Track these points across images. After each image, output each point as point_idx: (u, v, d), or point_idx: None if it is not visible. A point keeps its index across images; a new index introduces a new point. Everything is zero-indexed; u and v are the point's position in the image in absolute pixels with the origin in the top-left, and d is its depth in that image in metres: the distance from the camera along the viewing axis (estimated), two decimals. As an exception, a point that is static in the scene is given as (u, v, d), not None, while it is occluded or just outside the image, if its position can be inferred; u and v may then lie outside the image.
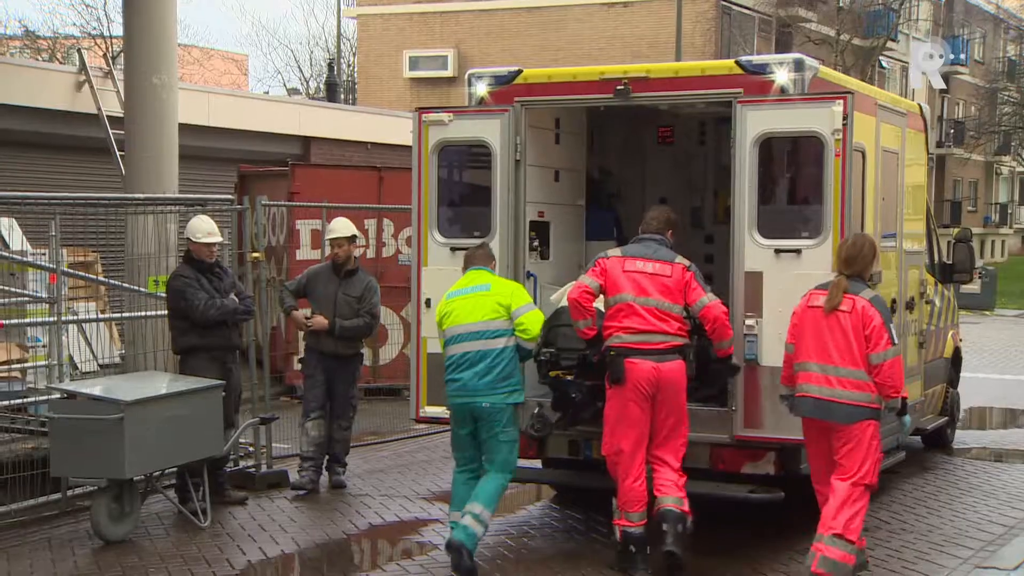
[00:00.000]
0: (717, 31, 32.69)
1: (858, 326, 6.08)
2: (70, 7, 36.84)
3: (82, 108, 14.36)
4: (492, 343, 6.51)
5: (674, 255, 6.68)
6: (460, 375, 6.54)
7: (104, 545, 7.08)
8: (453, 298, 6.69)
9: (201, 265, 7.93)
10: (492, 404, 6.49)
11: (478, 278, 6.71)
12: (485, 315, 6.53)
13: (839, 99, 6.68)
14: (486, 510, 6.51)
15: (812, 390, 6.17)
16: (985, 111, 45.86)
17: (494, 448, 6.57)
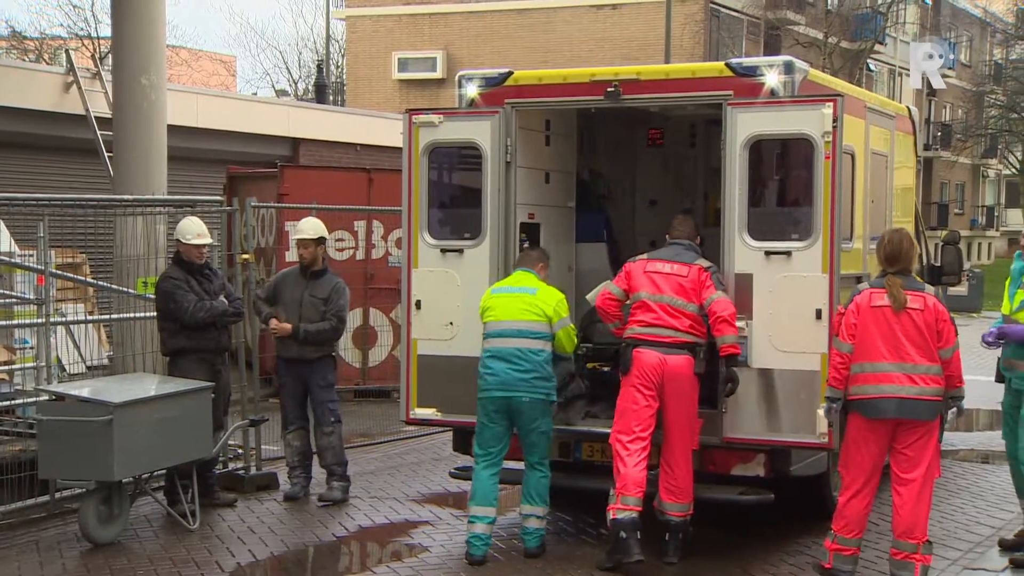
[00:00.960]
0: (706, 33, 32.75)
1: (931, 322, 6.15)
2: (57, 8, 36.73)
3: (70, 109, 14.30)
4: (534, 343, 6.79)
5: (695, 257, 6.89)
6: (500, 369, 6.75)
7: (92, 548, 7.05)
8: (499, 294, 6.93)
9: (191, 267, 7.91)
10: (532, 399, 6.73)
11: (525, 280, 6.96)
12: (530, 316, 6.81)
13: (829, 102, 6.70)
14: (545, 507, 6.93)
15: (894, 390, 6.10)
16: (972, 114, 46.09)
17: (536, 442, 6.84)
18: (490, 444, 6.86)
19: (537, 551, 6.93)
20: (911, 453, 6.18)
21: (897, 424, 6.17)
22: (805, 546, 7.12)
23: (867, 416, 6.19)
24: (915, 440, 6.17)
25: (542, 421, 6.82)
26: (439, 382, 7.44)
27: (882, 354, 6.14)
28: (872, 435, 6.22)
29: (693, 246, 7.01)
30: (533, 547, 6.94)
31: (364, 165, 15.37)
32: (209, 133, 16.60)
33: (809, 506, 7.61)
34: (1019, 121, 41.11)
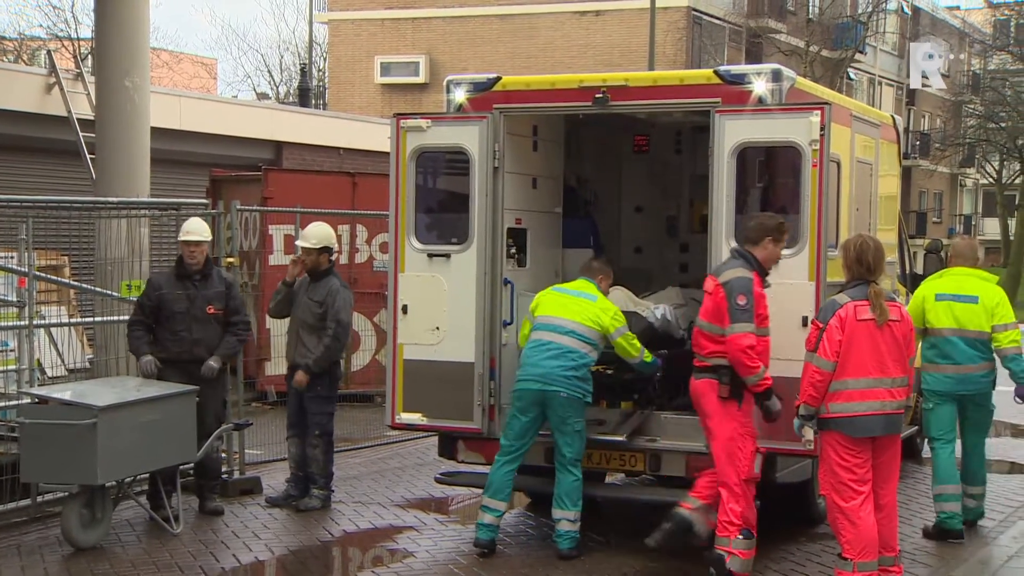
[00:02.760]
0: (688, 40, 32.87)
1: (906, 332, 5.99)
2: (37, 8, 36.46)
3: (52, 110, 14.21)
4: (582, 345, 6.89)
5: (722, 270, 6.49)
6: (543, 361, 6.82)
7: (75, 552, 6.99)
8: (558, 292, 7.10)
9: (183, 269, 7.83)
10: (570, 395, 6.81)
11: (587, 287, 7.09)
12: (583, 319, 6.92)
13: (817, 110, 6.73)
14: (577, 511, 6.92)
15: (879, 407, 5.86)
16: (950, 124, 46.42)
17: (570, 438, 6.86)
18: (516, 438, 6.92)
19: (570, 553, 6.89)
20: (886, 467, 6.01)
21: (875, 439, 5.96)
22: (790, 552, 7.14)
23: (852, 435, 5.89)
24: (891, 454, 6.02)
25: (576, 420, 6.86)
26: (425, 387, 7.41)
27: (868, 369, 5.86)
28: (861, 454, 5.92)
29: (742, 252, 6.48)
30: (565, 548, 6.90)
31: (348, 169, 15.35)
32: (192, 136, 16.53)
33: (794, 512, 7.64)
34: (997, 131, 41.41)
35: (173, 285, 7.84)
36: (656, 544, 6.60)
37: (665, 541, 6.56)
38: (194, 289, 7.83)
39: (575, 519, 6.94)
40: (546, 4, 33.91)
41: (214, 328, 7.86)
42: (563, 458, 6.90)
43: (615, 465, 7.41)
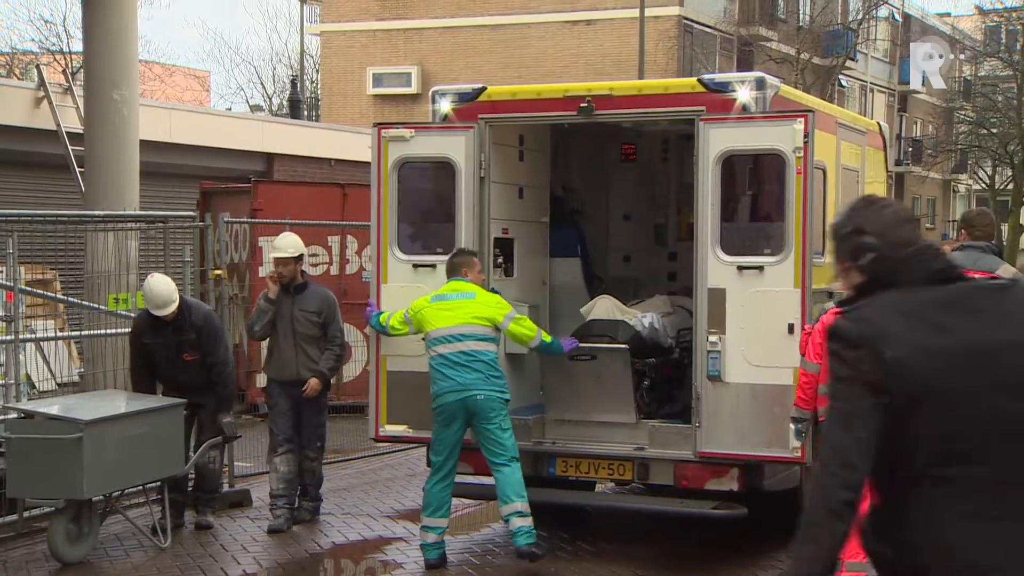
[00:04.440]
0: (679, 49, 32.95)
1: None
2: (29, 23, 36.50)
3: (41, 124, 14.19)
4: (481, 345, 6.87)
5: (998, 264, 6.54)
6: (452, 373, 6.82)
7: (61, 567, 6.96)
8: (437, 303, 6.97)
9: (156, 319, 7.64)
10: (487, 396, 6.79)
11: (461, 287, 7.01)
12: (471, 320, 6.88)
13: (800, 117, 6.74)
14: (523, 501, 6.80)
15: None
16: (942, 130, 46.52)
17: (499, 437, 6.82)
18: (441, 453, 6.90)
19: (529, 550, 6.79)
20: None
21: None
22: (779, 560, 7.13)
23: None
24: None
25: (501, 417, 6.84)
26: (410, 398, 7.38)
27: None
28: None
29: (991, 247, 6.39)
30: (523, 544, 6.79)
31: (338, 180, 15.34)
32: (182, 148, 16.52)
33: (782, 520, 7.62)
34: (988, 137, 41.52)
35: (152, 334, 7.72)
36: None
37: None
38: (169, 337, 7.68)
39: (524, 510, 6.79)
40: (537, 14, 33.98)
41: (196, 370, 7.72)
42: (498, 457, 6.82)
43: (604, 474, 7.40)
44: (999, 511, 2.49)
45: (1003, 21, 42.26)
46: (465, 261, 7.11)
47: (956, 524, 2.49)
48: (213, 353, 7.75)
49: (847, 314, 2.66)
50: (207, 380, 7.75)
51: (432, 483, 6.96)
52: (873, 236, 2.68)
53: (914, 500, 2.54)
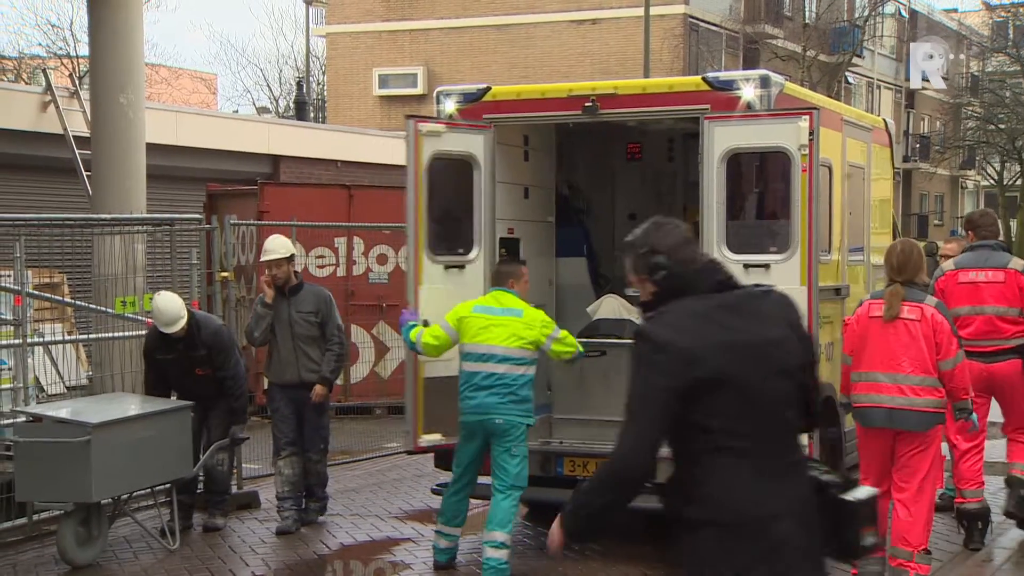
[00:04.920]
0: (685, 47, 32.91)
1: (929, 334, 6.13)
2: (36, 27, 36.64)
3: (48, 128, 14.24)
4: (514, 369, 6.62)
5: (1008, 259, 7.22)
6: (477, 395, 6.62)
7: (71, 570, 6.98)
8: (480, 315, 6.68)
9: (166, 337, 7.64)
10: (506, 420, 6.61)
11: (509, 301, 6.71)
12: (514, 342, 6.60)
13: (805, 114, 6.72)
14: (505, 533, 6.60)
15: (884, 400, 6.21)
16: (949, 126, 46.40)
17: (505, 462, 6.64)
18: (461, 466, 6.83)
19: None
20: (908, 462, 6.23)
21: (896, 433, 6.22)
22: (787, 558, 7.11)
23: (861, 424, 6.38)
24: (911, 450, 6.21)
25: (516, 445, 6.63)
26: (444, 404, 7.14)
27: (875, 364, 6.22)
28: (872, 441, 6.35)
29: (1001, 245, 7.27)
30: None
31: (344, 182, 15.35)
32: (189, 151, 16.55)
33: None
34: (996, 133, 41.39)
35: (163, 350, 7.72)
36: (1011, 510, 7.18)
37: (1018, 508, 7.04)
38: (181, 353, 7.68)
39: (503, 541, 6.55)
40: (543, 14, 33.97)
41: (208, 382, 7.76)
42: (498, 481, 6.65)
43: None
44: (770, 472, 3.13)
45: (1010, 16, 42.12)
46: (512, 271, 6.85)
47: (740, 483, 3.10)
48: (224, 367, 7.77)
49: (651, 319, 3.24)
50: (220, 390, 7.79)
51: (449, 492, 6.91)
52: (664, 255, 3.26)
53: (708, 465, 3.12)
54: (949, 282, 7.27)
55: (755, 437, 3.13)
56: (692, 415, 3.11)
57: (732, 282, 3.28)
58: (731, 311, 3.21)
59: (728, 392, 3.11)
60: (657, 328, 3.18)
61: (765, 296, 3.35)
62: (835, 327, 7.82)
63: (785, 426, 3.22)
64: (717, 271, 3.29)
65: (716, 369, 3.10)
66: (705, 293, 3.22)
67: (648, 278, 3.29)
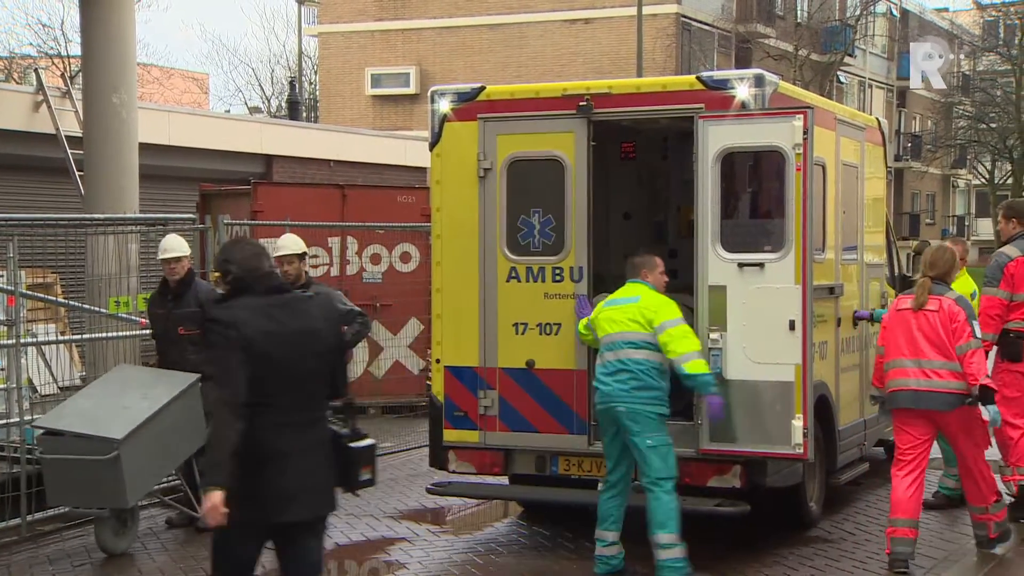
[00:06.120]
0: (677, 47, 32.95)
1: (946, 322, 6.72)
2: (27, 27, 36.55)
3: (40, 128, 14.20)
4: (634, 354, 6.49)
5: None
6: (603, 384, 6.58)
7: (66, 571, 6.95)
8: (609, 308, 6.71)
9: (164, 287, 7.82)
10: (629, 408, 6.45)
11: (634, 290, 6.70)
12: (627, 326, 6.54)
13: (799, 114, 6.74)
14: (669, 533, 6.39)
15: (909, 383, 6.76)
16: (941, 125, 46.52)
17: (643, 455, 6.45)
18: (608, 463, 6.66)
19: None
20: (956, 441, 6.93)
21: (928, 416, 6.77)
22: (783, 557, 7.14)
23: (892, 407, 6.94)
24: (951, 429, 6.86)
25: (645, 434, 6.41)
26: None
27: (903, 351, 6.79)
28: (903, 424, 6.86)
29: None
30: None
31: (338, 181, 15.34)
32: (181, 151, 16.52)
33: (785, 517, 7.63)
34: (987, 132, 41.51)
35: (156, 304, 7.85)
36: None
37: None
38: (168, 308, 7.71)
39: (669, 541, 6.37)
40: (535, 13, 33.98)
41: (186, 348, 7.59)
42: (643, 477, 6.46)
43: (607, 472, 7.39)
44: (292, 422, 4.47)
45: (1001, 16, 42.27)
46: (645, 262, 6.76)
47: (273, 429, 4.42)
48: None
49: (222, 308, 4.52)
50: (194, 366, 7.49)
51: (601, 492, 6.70)
52: (235, 264, 4.54)
53: (257, 417, 4.37)
54: (1020, 267, 7.62)
55: (286, 398, 4.43)
56: (248, 380, 4.34)
57: (284, 287, 4.67)
58: (279, 308, 4.49)
59: (267, 364, 4.37)
60: (225, 313, 4.47)
61: (310, 299, 4.80)
62: (829, 326, 7.85)
63: (311, 392, 4.51)
64: (273, 279, 4.60)
65: (260, 349, 4.35)
66: (262, 295, 4.49)
67: (223, 279, 4.56)
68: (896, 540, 6.77)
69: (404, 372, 12.85)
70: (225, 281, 4.53)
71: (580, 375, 7.32)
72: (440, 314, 7.62)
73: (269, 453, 4.38)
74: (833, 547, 7.39)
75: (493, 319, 7.45)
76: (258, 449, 4.36)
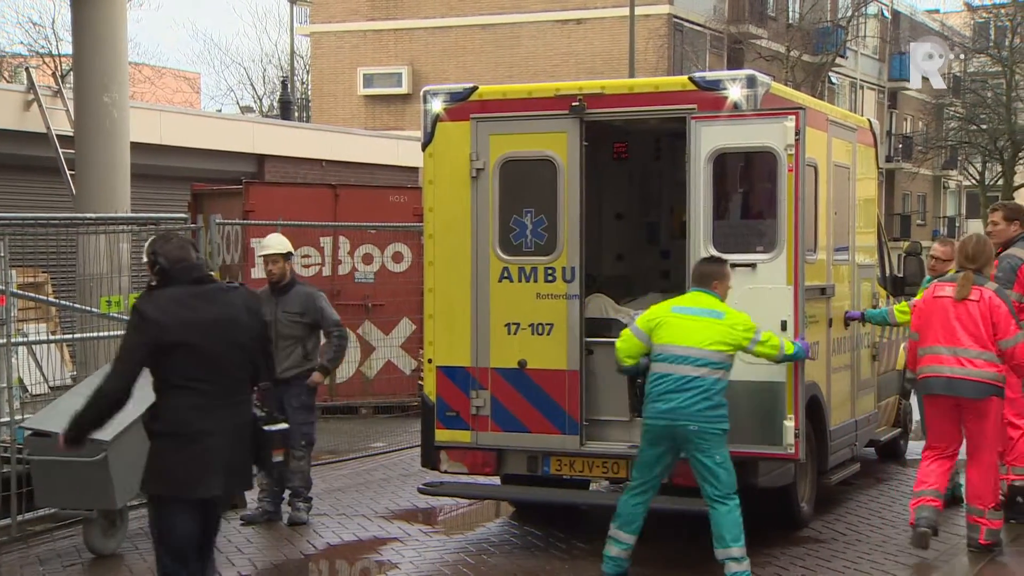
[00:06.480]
0: (669, 47, 32.98)
1: (985, 313, 6.90)
2: (17, 25, 36.48)
3: (31, 127, 14.17)
4: (712, 373, 6.32)
5: None
6: (670, 398, 6.29)
7: (58, 571, 6.93)
8: (679, 314, 6.42)
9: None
10: (701, 428, 6.29)
11: (710, 303, 6.45)
12: (716, 345, 6.33)
13: (791, 114, 6.75)
14: (740, 546, 6.34)
15: (944, 370, 6.94)
16: (932, 126, 46.63)
17: (712, 471, 6.33)
18: (644, 470, 6.47)
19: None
20: (971, 432, 7.00)
21: (956, 403, 6.94)
22: (774, 557, 7.15)
23: (923, 392, 7.17)
24: (972, 417, 6.95)
25: (714, 452, 6.31)
26: None
27: (938, 339, 6.97)
28: (934, 409, 7.10)
29: None
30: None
31: (330, 181, 15.33)
32: (173, 150, 16.51)
33: (777, 517, 7.64)
34: (978, 133, 41.62)
35: None
36: None
37: None
38: None
39: (740, 555, 6.30)
40: (528, 13, 33.99)
41: None
42: (715, 491, 6.34)
43: (598, 473, 7.41)
44: (209, 405, 4.79)
45: (992, 17, 42.39)
46: (717, 271, 6.52)
47: (191, 410, 4.78)
48: None
49: (144, 297, 4.91)
50: None
51: (626, 494, 6.54)
52: (162, 257, 4.89)
53: (169, 396, 4.80)
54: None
55: (206, 381, 4.77)
56: (162, 363, 4.76)
57: (207, 279, 4.95)
58: (199, 297, 4.84)
59: (186, 351, 4.74)
60: (145, 305, 4.82)
61: (233, 290, 5.07)
62: (821, 326, 7.87)
63: (231, 377, 4.85)
64: (196, 270, 4.89)
65: (176, 336, 4.74)
66: (186, 285, 4.82)
67: (152, 271, 4.92)
68: (920, 508, 6.92)
69: (396, 372, 12.86)
70: (153, 272, 4.89)
71: (572, 375, 7.34)
72: (432, 314, 7.62)
73: (189, 433, 4.74)
74: (824, 547, 7.41)
75: (485, 319, 7.45)
76: (179, 429, 4.74)
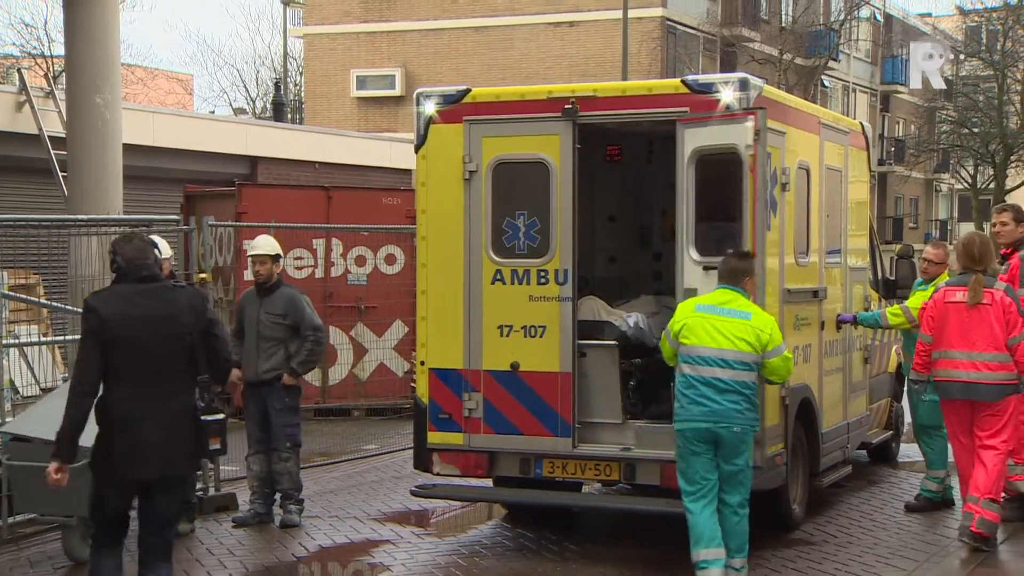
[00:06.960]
0: (662, 50, 33.02)
1: (999, 314, 7.06)
2: (9, 26, 36.40)
3: (23, 128, 14.13)
4: (746, 375, 6.26)
5: None
6: (710, 398, 6.20)
7: (74, 566, 6.93)
8: (705, 314, 6.33)
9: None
10: (744, 430, 6.24)
11: (738, 302, 6.35)
12: (739, 345, 6.23)
13: (750, 115, 6.70)
14: (743, 557, 6.33)
15: (960, 375, 7.15)
16: (924, 130, 46.72)
17: (741, 478, 6.28)
18: (698, 477, 6.27)
19: None
20: (982, 425, 7.13)
21: (971, 403, 7.13)
22: (765, 559, 7.15)
23: (941, 396, 7.32)
24: (985, 414, 7.12)
25: (747, 455, 6.27)
26: None
27: (953, 343, 7.13)
28: (950, 411, 7.32)
29: None
30: None
31: (323, 183, 15.32)
32: (166, 152, 16.47)
33: (768, 519, 7.65)
34: (970, 136, 41.72)
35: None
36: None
37: None
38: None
39: (741, 567, 6.32)
40: (521, 16, 34.01)
41: None
42: (734, 497, 6.30)
43: (590, 475, 7.41)
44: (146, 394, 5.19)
45: (983, 21, 42.48)
46: (746, 267, 6.41)
47: (128, 399, 5.18)
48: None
49: (96, 293, 5.39)
50: None
51: (695, 511, 6.28)
52: (120, 256, 5.28)
53: (115, 388, 5.19)
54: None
55: (140, 373, 5.16)
56: (108, 355, 5.13)
57: (156, 278, 5.30)
58: (143, 294, 5.22)
59: (126, 344, 5.13)
60: (95, 301, 5.22)
61: (179, 288, 5.52)
62: (813, 329, 7.88)
63: (167, 368, 5.20)
64: (146, 270, 5.25)
65: (117, 330, 5.12)
66: (134, 283, 5.22)
67: (111, 268, 5.31)
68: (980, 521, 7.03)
69: (388, 374, 12.85)
70: (112, 269, 5.30)
71: (564, 377, 7.34)
72: (425, 316, 7.62)
73: (124, 419, 5.13)
74: (816, 549, 7.42)
75: (478, 321, 7.45)
76: (115, 415, 5.14)
